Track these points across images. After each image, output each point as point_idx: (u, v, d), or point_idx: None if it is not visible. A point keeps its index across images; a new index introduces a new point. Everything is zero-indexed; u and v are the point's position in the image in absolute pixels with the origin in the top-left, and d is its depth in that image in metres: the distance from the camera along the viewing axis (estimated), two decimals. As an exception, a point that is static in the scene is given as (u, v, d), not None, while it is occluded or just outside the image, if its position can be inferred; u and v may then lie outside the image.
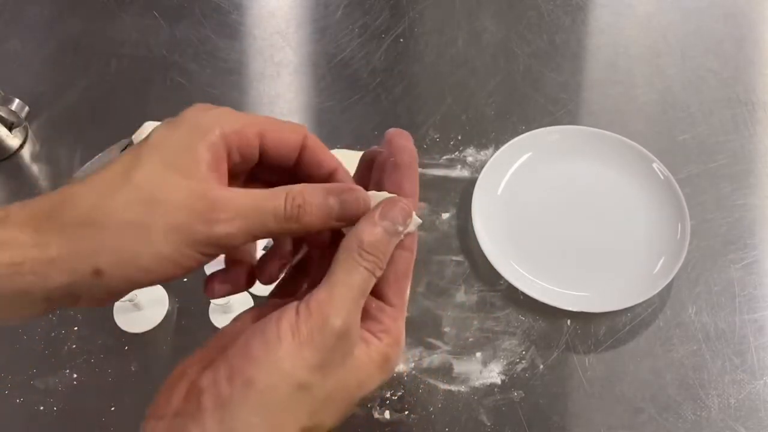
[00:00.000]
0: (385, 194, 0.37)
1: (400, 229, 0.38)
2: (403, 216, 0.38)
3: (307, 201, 0.34)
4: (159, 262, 0.33)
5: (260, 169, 0.38)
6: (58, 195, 0.32)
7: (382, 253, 0.37)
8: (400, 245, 0.39)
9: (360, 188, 0.36)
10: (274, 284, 0.42)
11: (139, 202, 0.32)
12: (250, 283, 0.41)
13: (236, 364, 0.34)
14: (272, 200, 0.34)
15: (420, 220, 0.38)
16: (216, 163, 0.33)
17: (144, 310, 0.59)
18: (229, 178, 0.35)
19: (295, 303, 0.35)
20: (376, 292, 0.39)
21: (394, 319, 0.39)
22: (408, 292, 0.41)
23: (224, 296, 0.41)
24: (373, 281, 0.36)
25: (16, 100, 0.68)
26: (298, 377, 0.33)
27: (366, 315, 0.38)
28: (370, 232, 0.36)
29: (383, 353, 0.37)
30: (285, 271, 0.42)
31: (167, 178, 0.32)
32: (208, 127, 0.33)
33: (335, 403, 0.36)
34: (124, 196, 0.32)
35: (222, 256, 0.59)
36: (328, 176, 0.38)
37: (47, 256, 0.31)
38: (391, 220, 0.37)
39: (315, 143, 0.37)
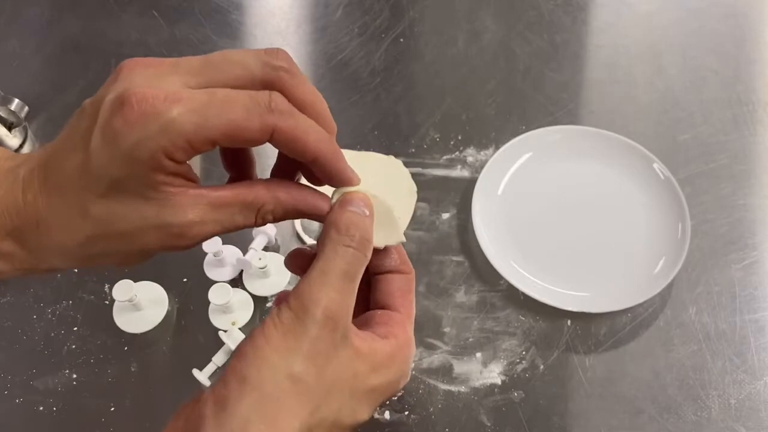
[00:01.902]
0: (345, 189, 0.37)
1: (366, 212, 0.37)
2: (364, 202, 0.37)
3: (276, 218, 0.35)
4: (124, 265, 0.36)
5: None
6: (29, 218, 0.33)
7: (360, 229, 0.36)
8: (397, 269, 0.40)
9: (327, 205, 0.37)
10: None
11: (105, 238, 0.33)
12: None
13: (231, 366, 0.34)
14: (243, 219, 0.34)
15: (404, 239, 0.39)
16: (174, 175, 0.32)
17: (144, 310, 0.59)
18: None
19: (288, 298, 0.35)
20: (384, 304, 0.40)
21: (401, 323, 0.39)
22: (414, 306, 0.41)
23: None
24: (362, 261, 0.36)
25: (16, 100, 0.68)
26: (287, 368, 0.33)
27: (372, 321, 0.39)
28: (340, 214, 0.36)
29: (388, 352, 0.37)
30: None
31: (127, 208, 0.32)
32: (150, 155, 0.30)
33: (338, 398, 0.35)
34: (88, 233, 0.32)
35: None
36: (309, 163, 0.35)
37: (23, 268, 0.35)
38: (353, 206, 0.37)
39: (288, 136, 0.32)
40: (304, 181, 0.38)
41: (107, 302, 0.60)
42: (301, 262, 0.40)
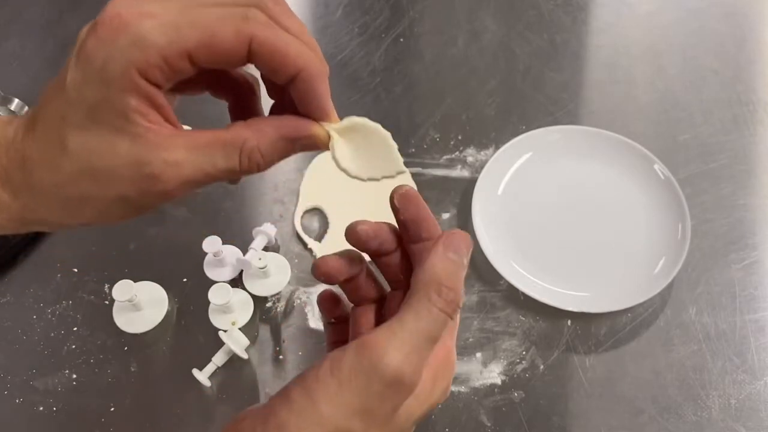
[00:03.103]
0: (347, 121, 0.34)
1: (466, 262, 0.34)
2: (466, 246, 0.34)
3: (266, 155, 0.31)
4: (112, 220, 0.32)
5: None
6: (15, 156, 0.32)
7: (457, 292, 0.33)
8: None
9: (316, 126, 0.32)
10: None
11: (83, 176, 0.30)
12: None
13: (273, 408, 0.31)
14: (224, 161, 0.30)
15: (403, 169, 0.36)
16: (149, 104, 0.29)
17: (143, 310, 0.59)
18: (181, 85, 0.32)
19: (351, 342, 0.32)
20: None
21: (443, 339, 0.35)
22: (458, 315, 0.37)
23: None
24: (447, 324, 0.33)
25: (16, 100, 0.68)
26: (335, 422, 0.30)
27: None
28: (444, 267, 0.33)
29: (432, 376, 0.34)
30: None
31: (101, 143, 0.29)
32: (122, 72, 0.28)
33: None
34: (68, 170, 0.30)
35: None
36: (289, 81, 0.31)
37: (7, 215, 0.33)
38: (455, 251, 0.33)
39: (267, 46, 0.29)
40: None
41: (107, 302, 0.60)
42: (331, 306, 0.39)
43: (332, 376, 0.30)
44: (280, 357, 0.58)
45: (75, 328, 0.59)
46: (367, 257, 0.37)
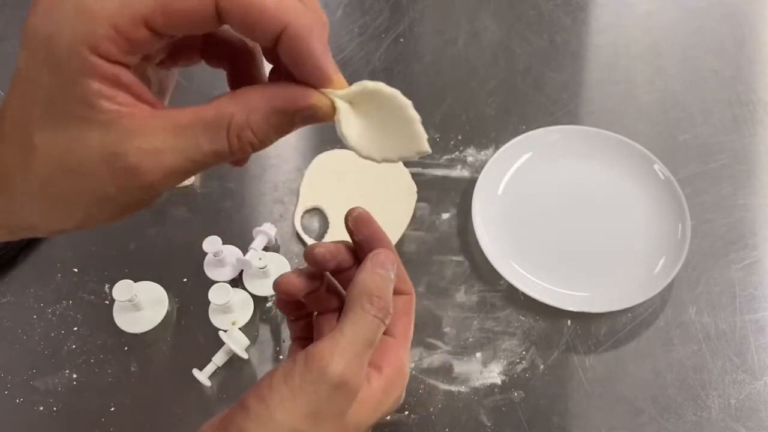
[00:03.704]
0: (357, 86, 0.28)
1: (393, 276, 0.38)
2: (391, 262, 0.38)
3: (259, 133, 0.27)
4: (94, 221, 0.28)
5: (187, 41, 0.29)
6: None
7: (387, 300, 0.36)
8: (397, 290, 0.40)
9: (316, 94, 0.27)
10: (274, 287, 0.42)
11: (58, 178, 0.26)
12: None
13: (232, 416, 0.34)
14: (210, 144, 0.26)
15: (426, 149, 0.30)
16: (113, 85, 0.25)
17: (144, 310, 0.59)
18: (168, 56, 0.28)
19: (298, 353, 0.35)
20: None
21: (395, 350, 0.39)
22: (411, 328, 0.42)
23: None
24: (381, 331, 0.36)
25: (16, 100, 0.68)
26: (289, 426, 0.33)
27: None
28: (372, 280, 0.36)
29: (384, 385, 0.37)
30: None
31: (70, 137, 0.25)
32: (71, 50, 0.24)
33: None
34: (41, 173, 0.26)
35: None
36: (274, 43, 0.26)
37: None
38: (381, 267, 0.37)
39: (235, 3, 0.24)
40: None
41: (107, 302, 0.60)
42: (291, 309, 0.41)
43: (284, 384, 0.33)
44: (280, 357, 0.58)
45: (75, 328, 0.59)
46: None
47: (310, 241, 0.63)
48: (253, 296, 0.59)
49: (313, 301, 0.41)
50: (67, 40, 0.24)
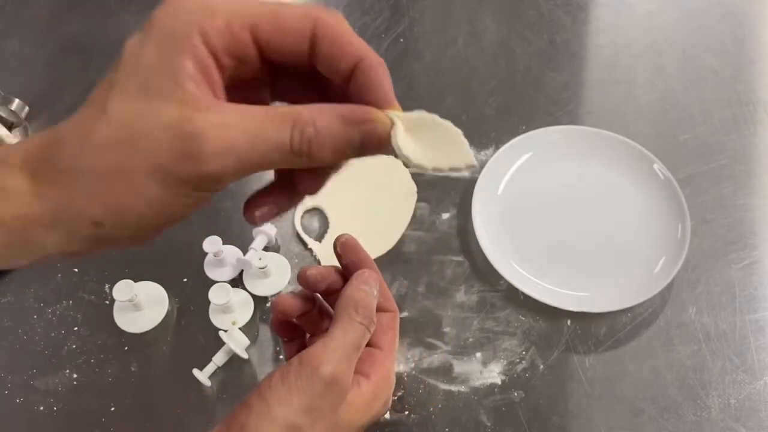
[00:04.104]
0: (415, 114, 0.30)
1: (376, 293, 0.43)
2: (374, 281, 0.43)
3: (320, 133, 0.28)
4: (151, 208, 0.28)
5: (270, 71, 0.31)
6: (48, 136, 0.29)
7: (371, 310, 0.41)
8: (382, 307, 0.46)
9: (379, 112, 0.30)
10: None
11: (118, 142, 0.27)
12: (295, 200, 0.34)
13: (236, 414, 0.38)
14: (275, 132, 0.27)
15: (473, 162, 0.33)
16: (203, 75, 0.27)
17: (144, 310, 0.59)
18: (230, 88, 0.29)
19: (293, 357, 0.39)
20: (369, 342, 0.43)
21: (382, 360, 0.44)
22: (396, 342, 0.47)
23: (269, 220, 0.35)
24: (367, 337, 0.41)
25: (16, 100, 0.68)
26: (287, 419, 0.37)
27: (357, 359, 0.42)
28: (358, 293, 0.41)
29: (372, 390, 0.42)
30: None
31: (145, 107, 0.27)
32: (183, 32, 0.27)
33: None
34: (103, 136, 0.27)
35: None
36: (350, 71, 0.30)
37: (49, 210, 0.28)
38: (365, 284, 0.42)
39: (331, 30, 0.29)
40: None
41: (107, 302, 0.60)
42: (286, 330, 0.46)
43: (282, 383, 0.38)
44: (280, 357, 0.58)
45: (75, 328, 0.59)
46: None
47: (310, 241, 0.63)
48: (253, 296, 0.59)
49: (307, 323, 0.46)
50: (184, 24, 0.27)
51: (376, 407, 0.43)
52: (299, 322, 0.46)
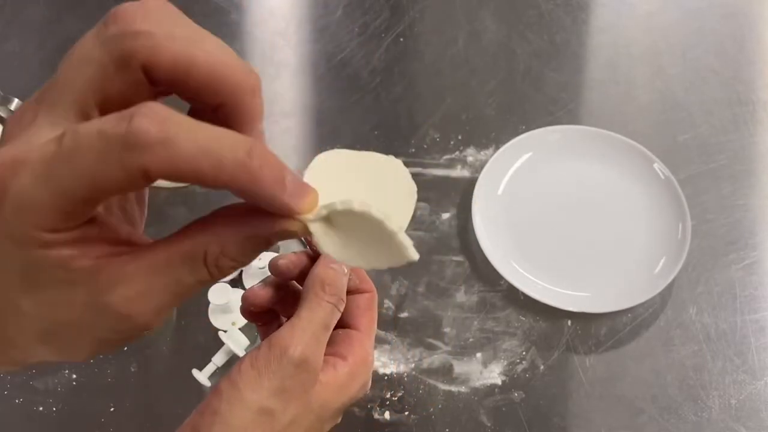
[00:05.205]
0: (325, 209, 0.27)
1: (346, 271, 0.42)
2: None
3: (235, 258, 0.27)
4: (102, 352, 0.31)
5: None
6: None
7: (340, 288, 0.41)
8: (357, 289, 0.45)
9: (288, 221, 0.27)
10: (242, 300, 0.46)
11: (52, 329, 0.26)
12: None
13: (208, 401, 0.38)
14: (191, 275, 0.26)
15: (413, 257, 0.30)
16: (80, 244, 0.24)
17: (144, 310, 0.59)
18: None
19: (263, 342, 0.39)
20: (345, 323, 0.44)
21: (360, 341, 0.44)
22: (375, 323, 0.46)
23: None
24: (337, 316, 0.41)
25: (16, 100, 0.68)
26: (258, 403, 0.37)
27: (332, 341, 0.42)
28: (325, 272, 0.41)
29: (348, 372, 0.42)
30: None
31: (53, 297, 0.25)
32: (23, 241, 0.23)
33: (305, 424, 0.40)
34: (34, 328, 0.26)
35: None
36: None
37: None
38: (337, 264, 0.42)
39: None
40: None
41: (107, 302, 0.60)
42: (257, 317, 0.45)
43: (252, 367, 0.38)
44: (280, 357, 0.58)
45: (75, 328, 0.59)
46: None
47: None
48: (253, 296, 0.59)
49: (282, 308, 0.45)
50: (16, 232, 0.23)
51: (353, 389, 0.42)
52: (275, 308, 0.45)
